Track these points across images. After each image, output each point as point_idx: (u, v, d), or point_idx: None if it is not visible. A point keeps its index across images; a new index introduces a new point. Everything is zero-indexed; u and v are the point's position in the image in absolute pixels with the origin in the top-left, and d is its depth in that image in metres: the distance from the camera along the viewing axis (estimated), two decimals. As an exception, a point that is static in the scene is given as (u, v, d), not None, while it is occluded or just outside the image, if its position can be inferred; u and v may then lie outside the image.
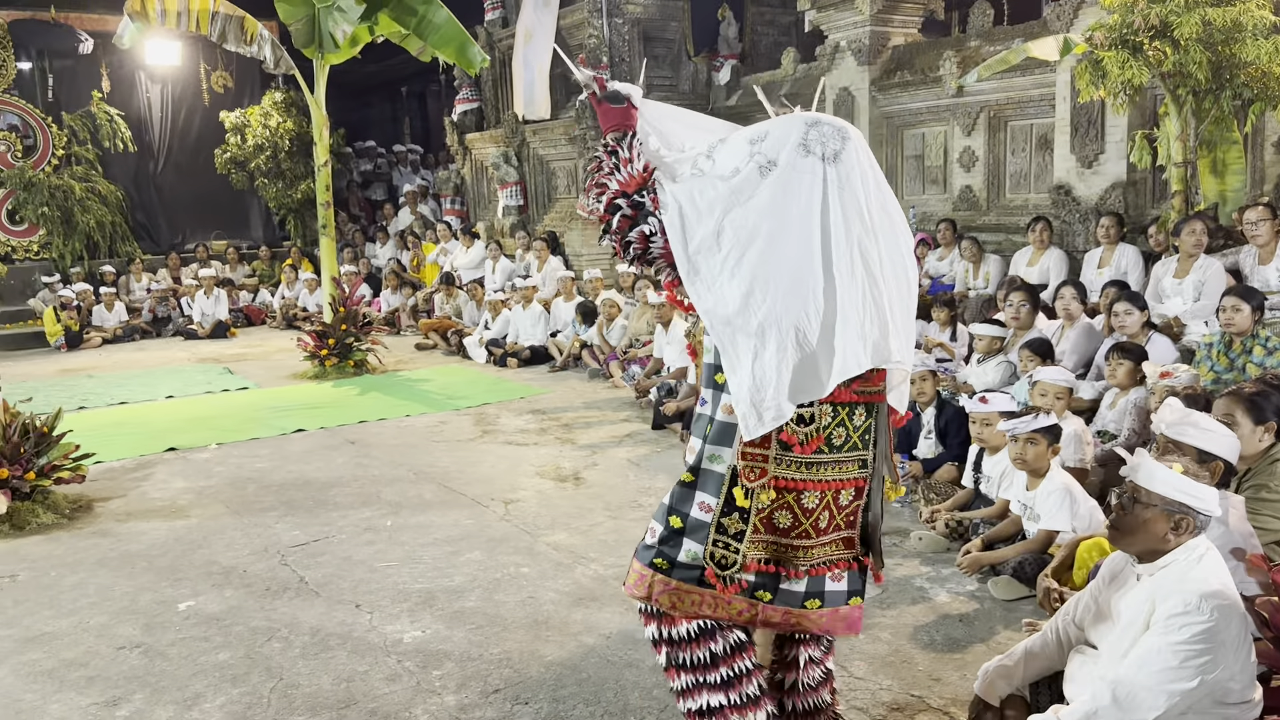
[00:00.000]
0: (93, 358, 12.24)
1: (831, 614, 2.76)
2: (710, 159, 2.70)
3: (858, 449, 2.69)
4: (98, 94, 15.64)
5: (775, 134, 2.63)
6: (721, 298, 2.55)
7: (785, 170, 2.55)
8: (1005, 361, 6.41)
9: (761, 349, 2.50)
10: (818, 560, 2.72)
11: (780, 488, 2.63)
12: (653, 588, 2.74)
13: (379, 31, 9.46)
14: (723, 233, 2.56)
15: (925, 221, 10.53)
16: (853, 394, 2.62)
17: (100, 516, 5.82)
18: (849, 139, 2.61)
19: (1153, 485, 2.65)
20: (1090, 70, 6.97)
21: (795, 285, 2.50)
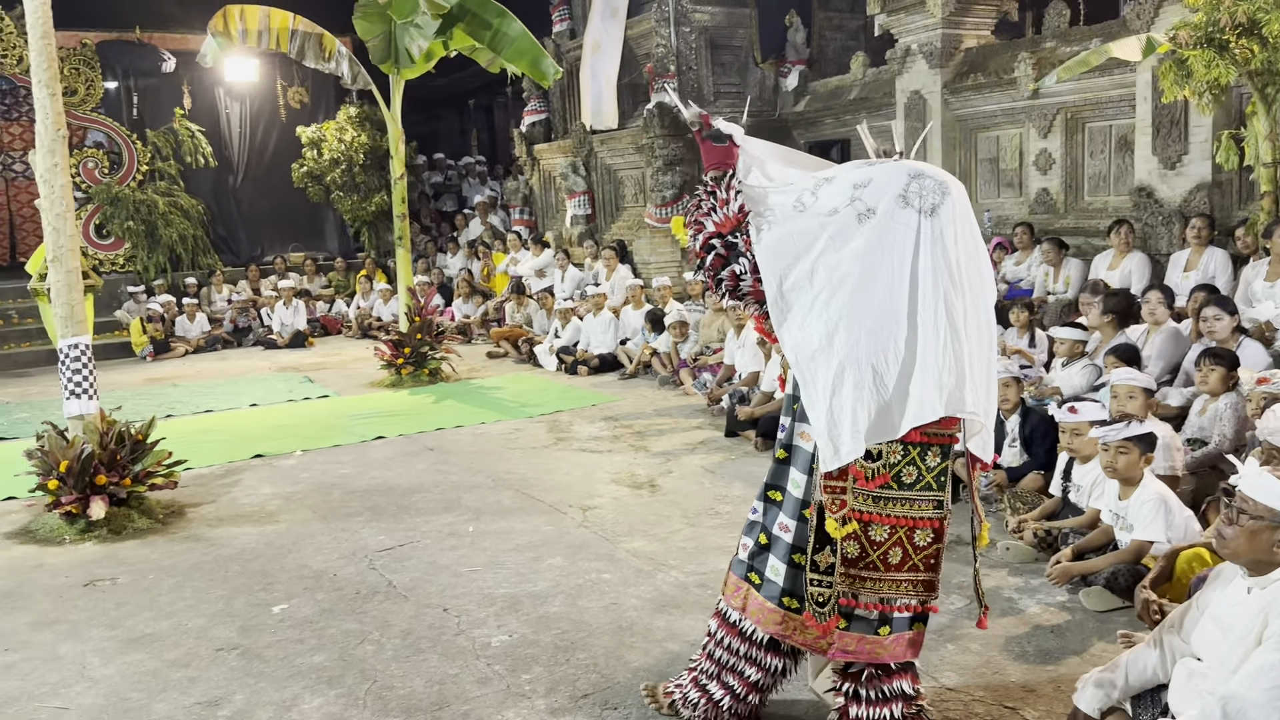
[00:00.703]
0: (177, 367, 12.61)
1: (897, 639, 2.89)
2: (814, 195, 2.79)
3: (931, 489, 2.79)
4: (180, 111, 16.13)
5: (878, 182, 2.73)
6: (808, 335, 2.71)
7: (883, 219, 2.67)
8: (1091, 365, 6.29)
9: (840, 387, 2.66)
10: (888, 595, 2.83)
11: (851, 518, 2.79)
12: (747, 601, 2.99)
13: (453, 46, 9.61)
14: (816, 273, 2.72)
15: (1001, 225, 10.38)
16: (922, 435, 2.73)
17: (193, 521, 6.00)
18: (949, 194, 2.71)
19: (1260, 495, 2.59)
20: (1174, 70, 6.83)
21: (877, 330, 2.64)
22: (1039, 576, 4.42)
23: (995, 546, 4.80)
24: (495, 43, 9.33)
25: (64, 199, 5.91)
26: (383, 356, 10.42)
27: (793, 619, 2.92)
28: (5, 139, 15.75)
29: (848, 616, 2.87)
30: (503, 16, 9.27)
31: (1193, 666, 2.78)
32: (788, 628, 2.93)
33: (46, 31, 5.81)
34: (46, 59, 5.81)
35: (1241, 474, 2.64)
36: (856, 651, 2.88)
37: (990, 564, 4.66)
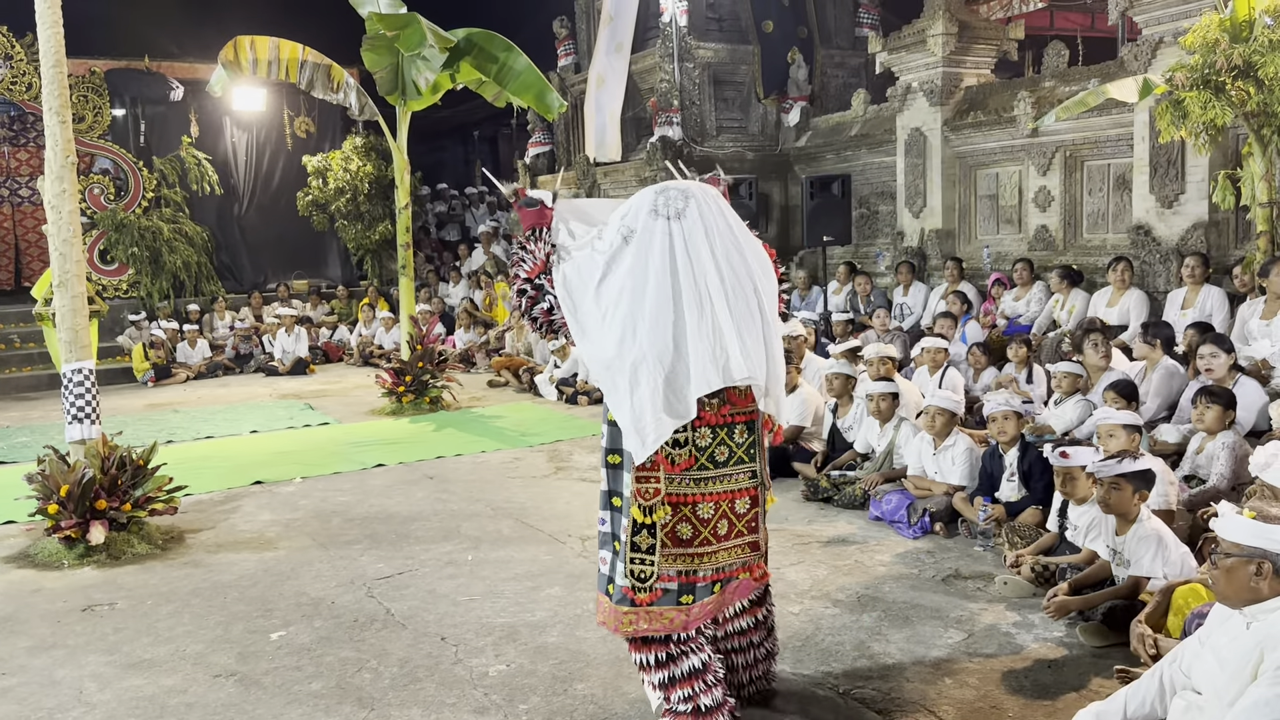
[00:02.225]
0: (178, 393, 12.64)
1: (735, 588, 3.35)
2: (601, 238, 3.24)
3: (744, 463, 3.21)
4: (187, 139, 16.27)
5: (634, 206, 3.19)
6: (602, 347, 3.09)
7: (642, 234, 3.10)
8: (1085, 401, 6.33)
9: (636, 385, 3.00)
10: (723, 564, 3.24)
11: (674, 503, 3.13)
12: (608, 617, 3.27)
13: (460, 79, 9.74)
14: (601, 296, 3.12)
15: (1000, 261, 10.45)
16: (723, 416, 3.16)
17: (192, 548, 6.01)
18: (691, 198, 3.13)
19: (1229, 534, 2.66)
20: (1171, 110, 6.90)
21: (654, 326, 3.02)
22: (1036, 611, 4.42)
23: (994, 581, 4.81)
24: (501, 76, 9.46)
25: (71, 225, 5.97)
26: (384, 384, 10.46)
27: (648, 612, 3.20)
28: (13, 164, 15.90)
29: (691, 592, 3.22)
30: (509, 50, 9.41)
31: (1190, 700, 2.80)
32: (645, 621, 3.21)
33: (59, 60, 5.90)
34: (58, 87, 5.90)
35: (1218, 516, 2.70)
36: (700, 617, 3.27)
37: (988, 599, 4.67)
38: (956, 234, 11.19)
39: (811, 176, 11.70)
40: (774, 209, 14.02)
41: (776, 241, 13.95)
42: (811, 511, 6.25)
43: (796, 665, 4.03)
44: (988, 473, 5.64)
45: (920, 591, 4.81)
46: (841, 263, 11.99)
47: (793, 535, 5.77)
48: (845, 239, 11.55)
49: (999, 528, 5.22)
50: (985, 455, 5.74)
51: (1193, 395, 5.50)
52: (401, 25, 8.99)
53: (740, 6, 14.12)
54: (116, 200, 15.44)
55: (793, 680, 3.89)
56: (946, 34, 10.57)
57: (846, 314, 10.27)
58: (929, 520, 5.62)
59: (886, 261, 11.95)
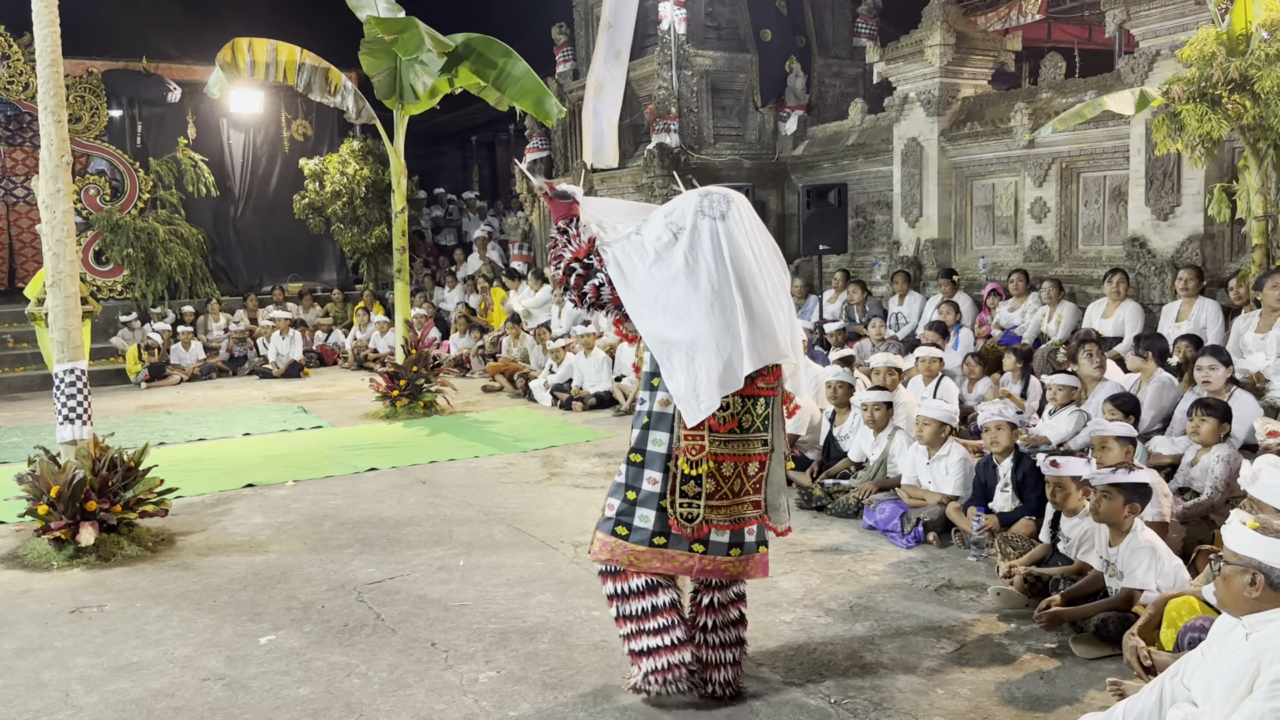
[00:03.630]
0: (171, 395, 12.60)
1: (747, 560, 3.69)
2: (639, 234, 3.63)
3: (760, 431, 3.65)
4: (183, 140, 16.26)
5: (680, 207, 3.61)
6: (660, 325, 3.53)
7: (691, 231, 3.53)
8: (1079, 412, 6.33)
9: (693, 358, 3.46)
10: (735, 517, 3.63)
11: (711, 459, 3.55)
12: (615, 552, 3.63)
13: (458, 84, 9.73)
14: (654, 279, 3.54)
15: (996, 271, 10.47)
16: (755, 388, 3.58)
17: (182, 550, 5.98)
18: (732, 202, 3.58)
19: (1230, 543, 2.67)
20: (1167, 123, 6.92)
21: (710, 312, 3.46)
22: (1029, 622, 4.41)
23: (986, 591, 4.80)
24: (500, 82, 9.46)
25: (65, 225, 5.95)
26: (378, 388, 10.43)
27: (662, 553, 3.60)
28: (8, 164, 15.85)
29: (704, 544, 3.61)
30: (508, 56, 9.41)
31: (1188, 712, 2.79)
32: (658, 560, 3.61)
33: (55, 60, 5.88)
34: (54, 87, 5.88)
35: (1228, 524, 2.70)
36: (714, 570, 3.65)
37: (981, 609, 4.65)
38: (953, 244, 11.21)
39: (808, 185, 11.70)
40: (770, 217, 14.02)
41: (773, 250, 13.94)
42: (805, 520, 6.24)
43: (788, 674, 4.01)
44: (981, 483, 5.63)
45: (913, 601, 4.80)
46: (837, 271, 12.00)
47: (786, 543, 5.74)
48: (841, 248, 11.54)
49: (992, 538, 5.20)
50: (979, 465, 5.73)
51: (1188, 408, 5.50)
52: (400, 29, 8.98)
53: (739, 15, 14.14)
54: (112, 201, 15.41)
55: (784, 690, 3.88)
56: (944, 45, 10.60)
57: (840, 322, 10.27)
58: (922, 530, 5.61)
59: (882, 271, 11.97)
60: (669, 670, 3.61)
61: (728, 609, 3.79)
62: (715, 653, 3.75)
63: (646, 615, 3.63)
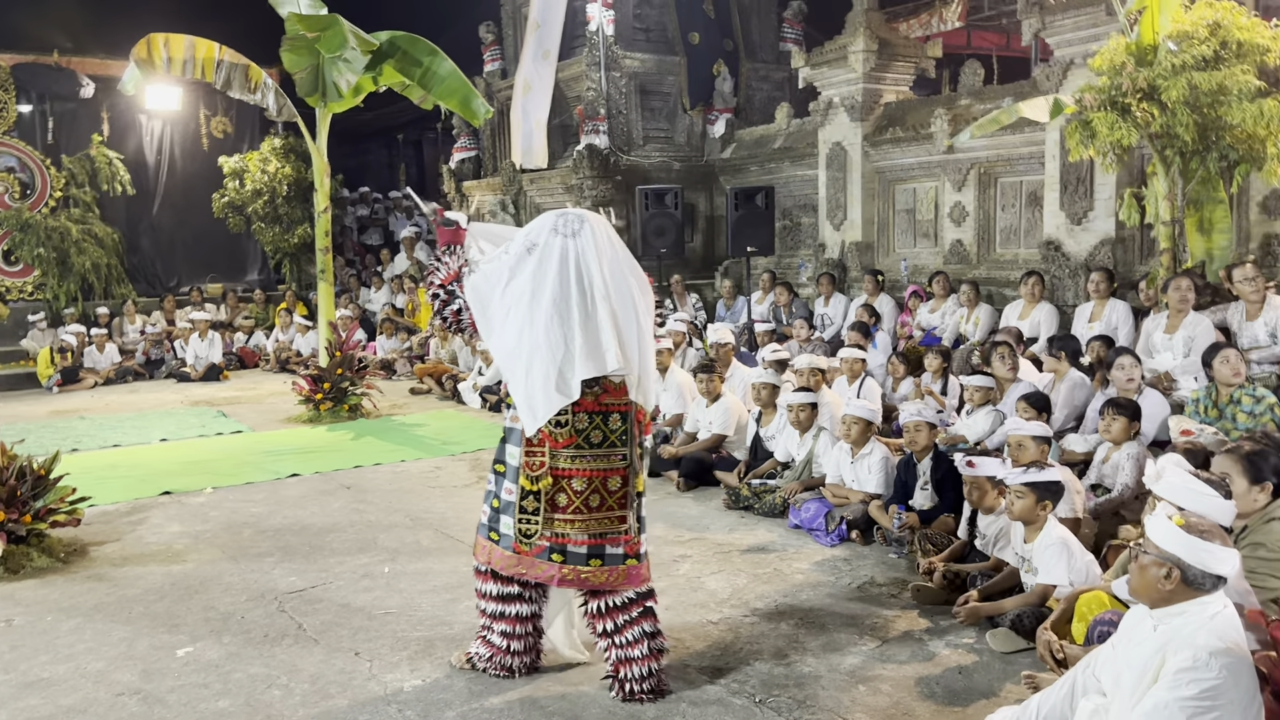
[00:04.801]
0: (85, 399, 12.21)
1: (611, 571, 3.77)
2: (507, 253, 3.81)
3: (616, 446, 3.75)
4: (97, 137, 15.76)
5: (538, 224, 3.77)
6: (504, 340, 3.69)
7: (543, 248, 3.68)
8: (995, 411, 6.49)
9: (530, 369, 3.59)
10: (595, 532, 3.73)
11: (555, 475, 3.69)
12: (490, 555, 3.86)
13: (382, 82, 9.60)
14: (505, 297, 3.69)
15: (917, 274, 10.67)
16: (600, 404, 3.70)
17: (95, 561, 5.80)
18: (586, 221, 3.73)
19: (1151, 533, 2.75)
20: (1080, 130, 7.14)
21: (549, 324, 3.58)
22: (948, 618, 4.51)
23: (907, 588, 4.89)
24: (425, 80, 9.36)
25: (-31, 225, 5.72)
26: (301, 391, 10.24)
27: (524, 558, 3.78)
28: (-91, 160, 15.21)
29: (561, 552, 3.74)
30: (434, 55, 9.31)
31: (1097, 703, 2.88)
32: (523, 566, 3.79)
33: (-42, 54, 5.66)
34: (-44, 81, 5.65)
35: (1156, 517, 2.79)
36: (575, 580, 3.77)
37: (900, 606, 4.75)
38: (876, 247, 11.40)
39: (736, 188, 11.81)
40: (699, 219, 14.12)
41: (702, 250, 14.07)
42: (733, 520, 6.29)
43: (714, 674, 4.04)
44: (902, 481, 5.75)
45: (837, 599, 4.87)
46: (764, 272, 12.12)
47: (713, 544, 5.80)
48: (769, 250, 11.67)
49: (913, 535, 5.31)
50: (900, 464, 5.85)
51: (1100, 407, 5.67)
52: (322, 27, 8.83)
53: (667, 18, 14.21)
54: (22, 199, 14.88)
55: (709, 690, 3.91)
56: (867, 51, 10.78)
57: (769, 324, 10.38)
58: (846, 528, 5.70)
59: (809, 272, 12.13)
60: (494, 665, 4.00)
61: (623, 611, 3.84)
62: (621, 651, 3.84)
63: (499, 619, 3.93)
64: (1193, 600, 2.69)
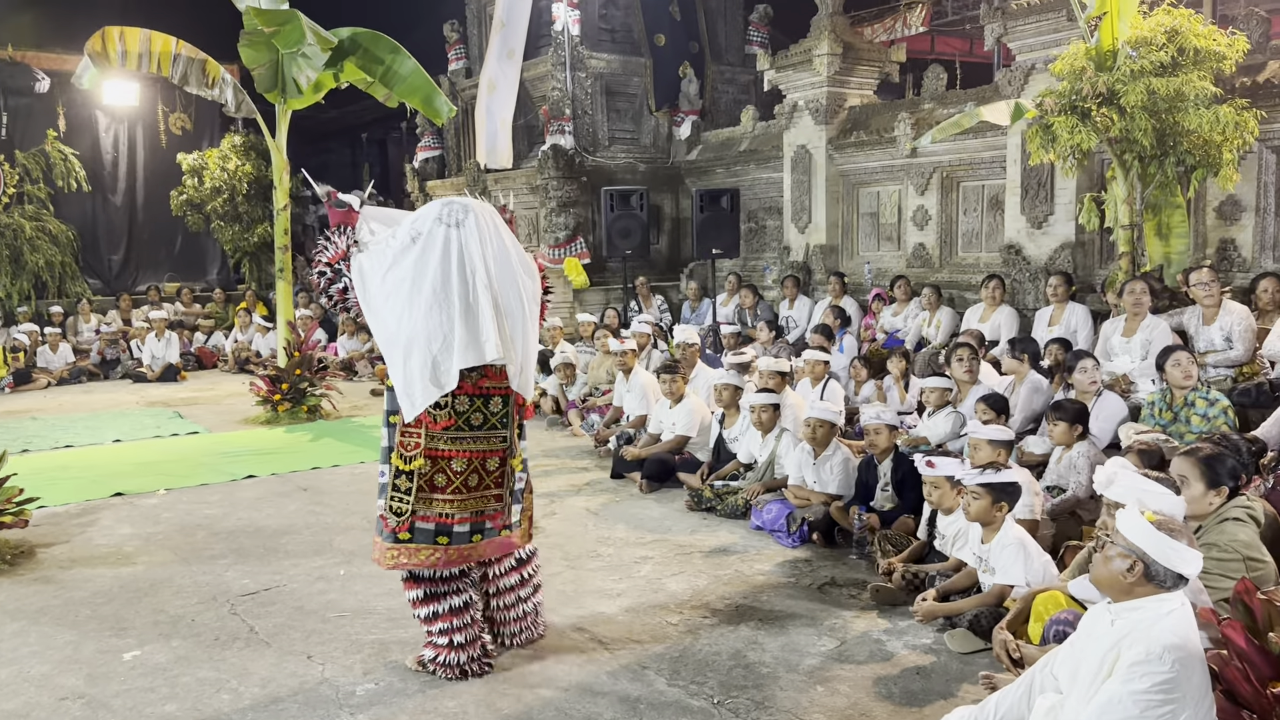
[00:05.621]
0: (37, 400, 11.96)
1: (489, 543, 3.97)
2: (394, 237, 3.85)
3: (496, 429, 3.88)
4: (53, 133, 15.48)
5: (423, 213, 3.81)
6: (384, 324, 3.73)
7: (427, 236, 3.72)
8: (955, 413, 6.52)
9: (409, 357, 3.62)
10: (475, 510, 3.87)
11: (433, 456, 3.76)
12: (379, 554, 3.89)
13: (344, 78, 9.50)
14: (386, 282, 3.73)
15: (881, 277, 10.72)
16: (479, 388, 3.79)
17: (43, 563, 5.66)
18: (470, 211, 3.78)
19: (1120, 525, 2.76)
20: (1040, 134, 7.19)
21: (428, 311, 3.63)
22: (906, 619, 4.51)
23: (866, 589, 4.89)
24: (387, 78, 9.27)
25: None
26: (259, 392, 10.09)
27: (406, 548, 3.81)
28: None
29: (447, 534, 3.84)
30: (396, 52, 9.23)
31: (1053, 700, 2.88)
32: (405, 556, 3.83)
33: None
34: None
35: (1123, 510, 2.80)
36: (459, 559, 3.90)
37: (860, 606, 4.74)
38: (840, 250, 11.45)
39: (701, 190, 11.81)
40: (665, 221, 14.11)
41: (667, 252, 14.05)
42: (695, 521, 6.27)
43: (673, 676, 4.01)
44: (863, 482, 5.75)
45: (797, 600, 4.86)
46: (730, 275, 12.12)
47: (675, 545, 5.76)
48: (734, 252, 11.69)
49: (872, 535, 5.31)
50: (861, 466, 5.85)
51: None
52: (280, 22, 8.71)
53: (632, 19, 14.19)
54: (-27, 195, 14.57)
55: (667, 691, 3.87)
56: (831, 54, 10.82)
57: (734, 326, 10.38)
58: (807, 529, 5.69)
59: (774, 275, 12.15)
60: (443, 666, 3.98)
61: (506, 576, 4.20)
62: (503, 613, 4.22)
63: (434, 619, 3.94)
64: (1152, 596, 2.70)
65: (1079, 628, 2.99)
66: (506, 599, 4.24)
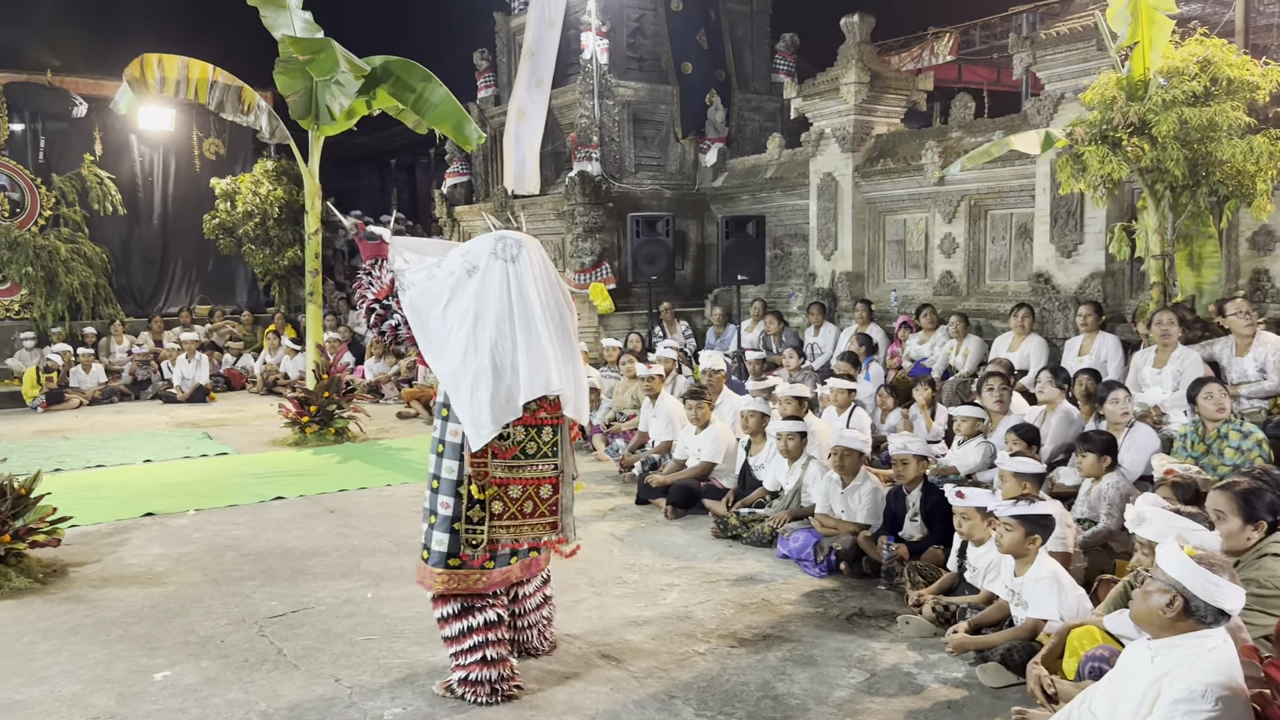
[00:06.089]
0: (70, 419, 12.11)
1: (522, 564, 4.07)
2: (439, 265, 3.92)
3: (549, 457, 3.97)
4: (89, 157, 15.75)
5: (476, 247, 3.91)
6: (448, 357, 3.80)
7: (484, 270, 3.81)
8: (985, 443, 6.47)
9: (476, 389, 3.72)
10: (526, 537, 3.97)
11: (494, 484, 3.88)
12: (421, 575, 3.94)
13: (376, 105, 9.62)
14: (446, 316, 3.82)
15: (907, 304, 10.69)
16: (536, 419, 3.91)
17: (75, 582, 5.71)
18: (524, 246, 3.88)
19: (1161, 560, 2.73)
20: (1071, 164, 7.17)
21: (494, 347, 3.74)
22: (938, 651, 4.47)
23: (896, 621, 4.85)
24: (419, 105, 9.38)
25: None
26: (287, 414, 10.17)
27: (456, 574, 3.90)
28: (-102, 176, 15.15)
29: (493, 558, 3.95)
30: (427, 80, 9.34)
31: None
32: (454, 582, 3.91)
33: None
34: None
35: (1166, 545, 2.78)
36: (501, 581, 3.98)
37: (890, 639, 4.70)
38: (866, 277, 11.43)
39: (727, 216, 11.84)
40: (690, 246, 14.15)
41: (692, 278, 14.09)
42: (720, 549, 6.24)
43: (701, 706, 3.99)
44: (892, 512, 5.71)
45: (825, 631, 4.82)
46: (755, 301, 12.13)
47: (701, 573, 5.74)
48: (759, 278, 11.70)
49: (902, 566, 5.27)
50: (889, 495, 5.81)
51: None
52: (315, 50, 8.84)
53: (660, 47, 14.30)
54: (11, 218, 14.83)
55: (696, 722, 3.85)
56: (859, 83, 10.85)
57: (760, 352, 10.37)
58: (835, 559, 5.66)
59: (799, 301, 12.14)
60: (472, 688, 3.96)
61: (534, 595, 4.34)
62: (525, 632, 4.35)
63: (466, 634, 3.96)
64: (1193, 633, 2.66)
65: (1117, 664, 2.96)
66: (530, 618, 4.38)
